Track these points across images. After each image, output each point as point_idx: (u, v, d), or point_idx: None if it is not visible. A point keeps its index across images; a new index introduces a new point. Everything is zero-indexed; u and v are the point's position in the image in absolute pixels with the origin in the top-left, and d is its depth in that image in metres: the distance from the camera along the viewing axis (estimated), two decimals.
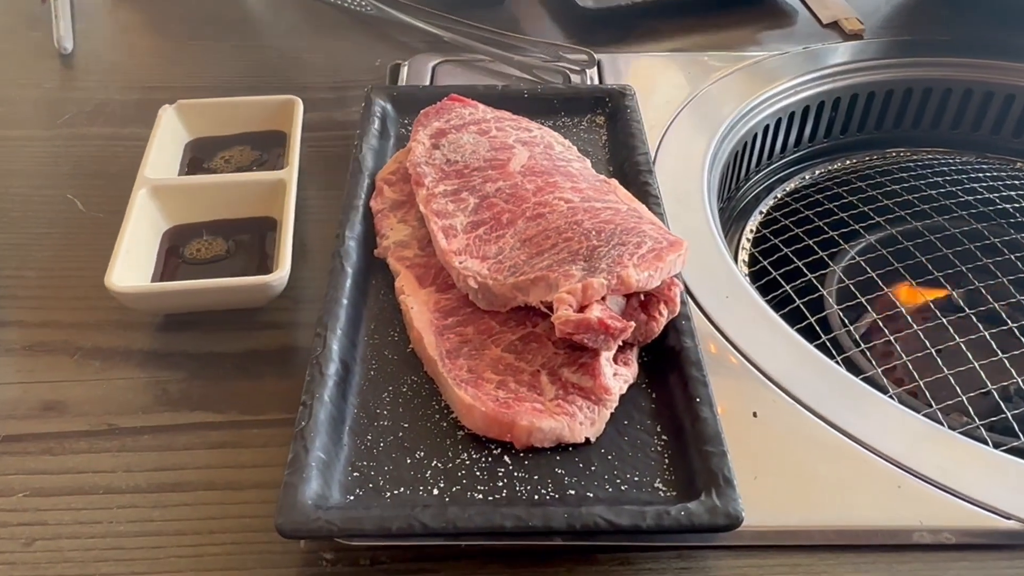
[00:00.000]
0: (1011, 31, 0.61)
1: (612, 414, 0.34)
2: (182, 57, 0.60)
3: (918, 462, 0.34)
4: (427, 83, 0.56)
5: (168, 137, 0.48)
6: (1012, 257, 0.48)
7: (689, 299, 0.39)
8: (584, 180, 0.41)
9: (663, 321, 0.36)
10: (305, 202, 0.45)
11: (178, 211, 0.43)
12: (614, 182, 0.42)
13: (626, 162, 0.46)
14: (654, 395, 0.35)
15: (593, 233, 0.36)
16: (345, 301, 0.37)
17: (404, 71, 0.57)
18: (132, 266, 0.39)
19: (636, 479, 0.32)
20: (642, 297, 0.36)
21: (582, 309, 0.34)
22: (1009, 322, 0.45)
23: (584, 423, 0.33)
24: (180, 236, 0.43)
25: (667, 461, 0.33)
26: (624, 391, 0.35)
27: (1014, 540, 0.31)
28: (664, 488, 0.32)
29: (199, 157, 0.48)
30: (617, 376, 0.34)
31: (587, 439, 0.33)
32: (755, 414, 0.35)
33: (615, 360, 0.35)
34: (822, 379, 0.37)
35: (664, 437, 0.34)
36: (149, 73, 0.58)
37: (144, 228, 0.42)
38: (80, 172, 0.50)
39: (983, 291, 0.47)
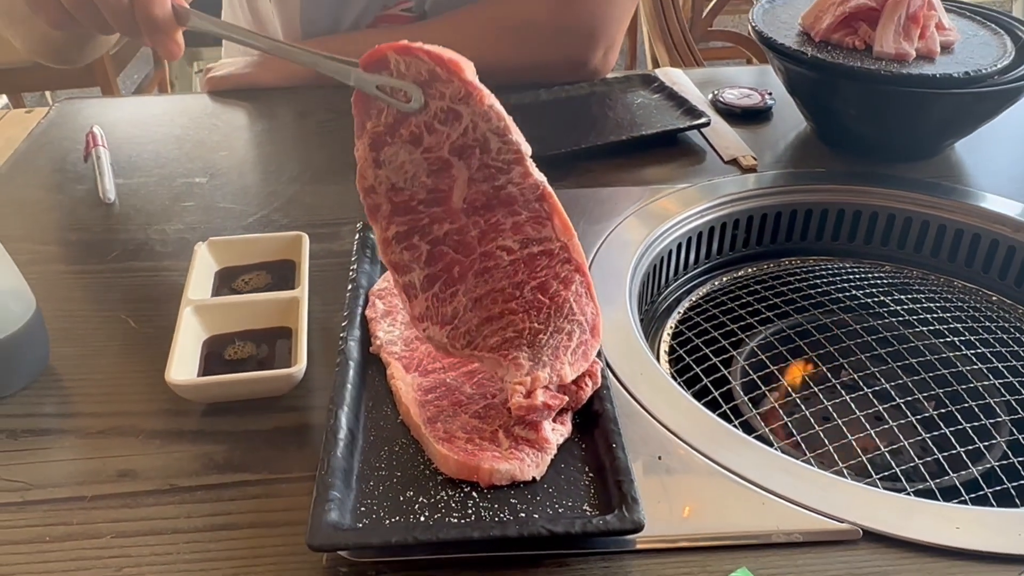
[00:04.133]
0: (873, 164, 0.76)
1: (552, 459, 0.46)
2: (203, 204, 0.73)
3: (777, 485, 0.45)
4: None
5: (202, 267, 0.60)
6: (870, 340, 0.61)
7: (610, 374, 0.51)
8: (523, 207, 0.45)
9: (589, 391, 0.48)
10: (313, 314, 0.57)
11: (215, 323, 0.55)
12: (545, 192, 0.45)
13: None
14: (583, 444, 0.47)
15: (533, 313, 0.46)
16: (349, 386, 0.49)
17: None
18: (183, 366, 0.51)
19: (569, 504, 0.44)
20: None
21: (530, 393, 0.46)
22: (865, 388, 0.57)
23: (531, 466, 0.45)
24: (218, 343, 0.55)
25: (592, 490, 0.44)
26: (561, 442, 0.46)
27: (845, 536, 0.43)
28: (590, 509, 0.43)
29: (226, 281, 0.61)
30: (555, 431, 0.46)
31: (534, 478, 0.45)
32: (660, 457, 0.47)
33: (554, 420, 0.47)
34: (711, 431, 0.49)
35: (590, 474, 0.45)
36: (179, 217, 0.71)
37: (190, 337, 0.54)
38: (130, 297, 0.62)
39: (846, 366, 0.59)
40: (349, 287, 0.57)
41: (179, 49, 0.58)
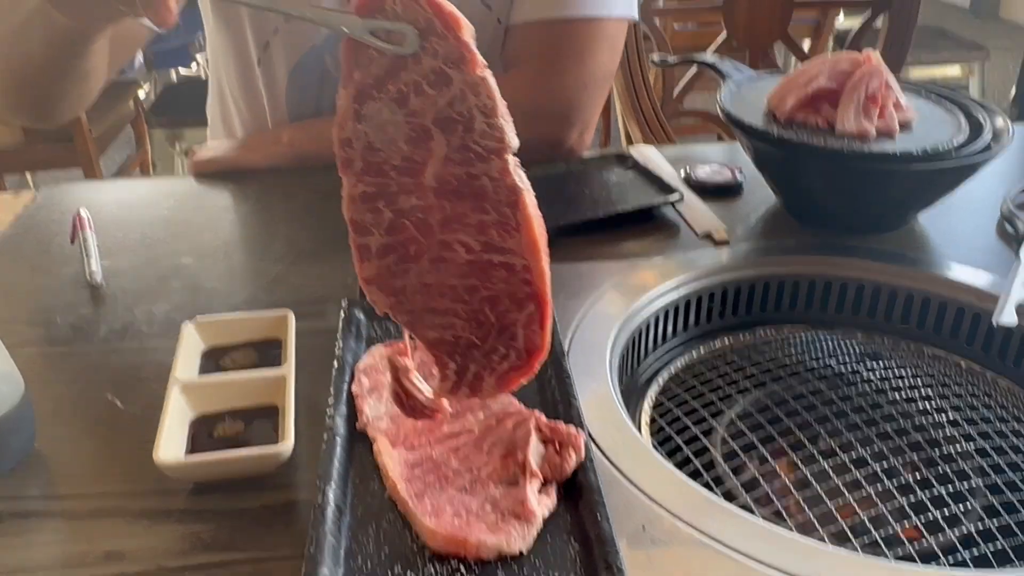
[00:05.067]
0: (841, 237, 0.78)
1: (538, 532, 0.46)
2: (190, 284, 0.74)
3: (762, 554, 0.46)
4: None
5: (189, 346, 0.61)
6: (845, 407, 0.63)
7: (593, 445, 0.52)
8: (494, 207, 0.42)
9: (573, 463, 0.49)
10: (300, 391, 0.58)
11: (202, 402, 0.56)
12: (521, 200, 0.43)
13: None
14: (569, 516, 0.48)
15: (474, 325, 0.44)
16: (337, 462, 0.50)
17: None
18: (171, 445, 0.52)
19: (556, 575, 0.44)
20: (557, 446, 0.50)
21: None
22: (842, 455, 0.59)
23: (518, 539, 0.45)
24: (205, 422, 0.55)
25: (579, 561, 0.45)
26: (547, 514, 0.47)
27: None
28: None
29: (213, 360, 0.61)
30: (541, 504, 0.47)
31: (521, 551, 0.45)
32: (644, 527, 0.48)
33: (539, 493, 0.48)
34: (694, 500, 0.50)
35: (576, 545, 0.46)
36: (166, 297, 0.72)
37: (177, 416, 0.54)
38: (117, 378, 0.62)
39: (823, 434, 0.61)
40: (335, 364, 0.58)
41: (171, 16, 0.55)
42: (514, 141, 0.42)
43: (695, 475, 0.58)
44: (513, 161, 0.42)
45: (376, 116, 0.42)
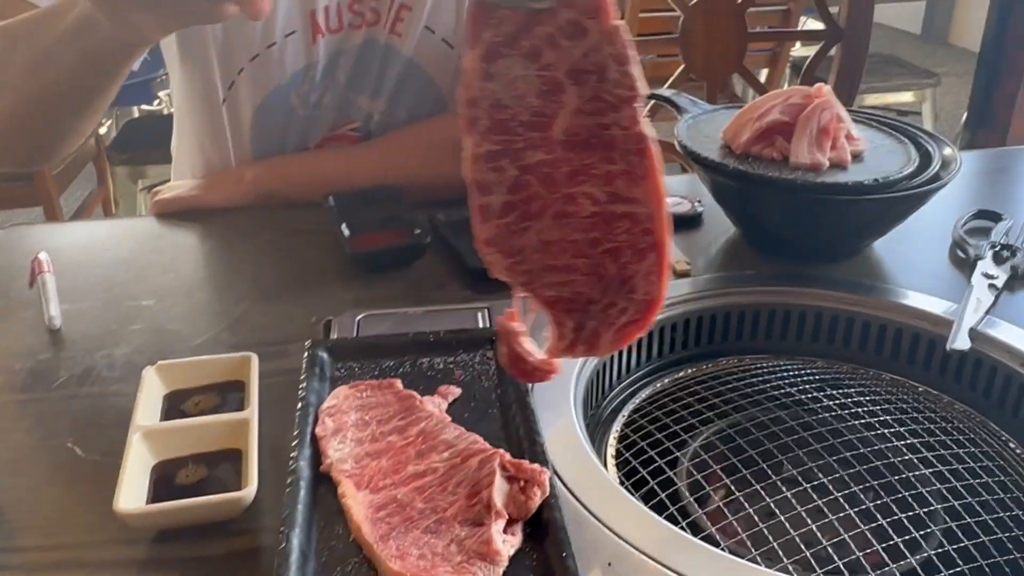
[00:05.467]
0: (799, 266, 0.80)
1: (504, 571, 0.46)
2: (151, 326, 0.74)
3: None
4: (354, 334, 0.71)
5: (150, 391, 0.60)
6: (806, 435, 0.64)
7: (558, 482, 0.53)
8: (621, 156, 0.41)
9: (537, 500, 0.49)
10: (264, 434, 0.58)
11: (165, 448, 0.55)
12: (648, 148, 0.42)
13: (511, 385, 0.61)
14: (535, 554, 0.48)
15: (595, 280, 0.43)
16: (301, 506, 0.50)
17: (335, 325, 0.72)
18: (132, 493, 0.51)
19: None
20: (521, 484, 0.50)
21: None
22: (805, 483, 0.59)
23: None
24: (168, 467, 0.55)
25: None
26: (512, 553, 0.47)
27: None
28: None
29: (175, 404, 0.61)
30: (506, 543, 0.47)
31: None
32: (610, 564, 0.48)
33: (505, 531, 0.48)
34: (659, 535, 0.51)
35: None
36: (127, 340, 0.72)
37: (138, 463, 0.54)
38: (76, 425, 0.61)
39: (785, 462, 0.62)
40: (299, 406, 0.58)
41: (267, 6, 0.54)
42: (644, 89, 0.42)
43: (661, 508, 0.59)
44: (642, 109, 0.42)
45: (506, 73, 0.41)
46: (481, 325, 0.71)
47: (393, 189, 0.89)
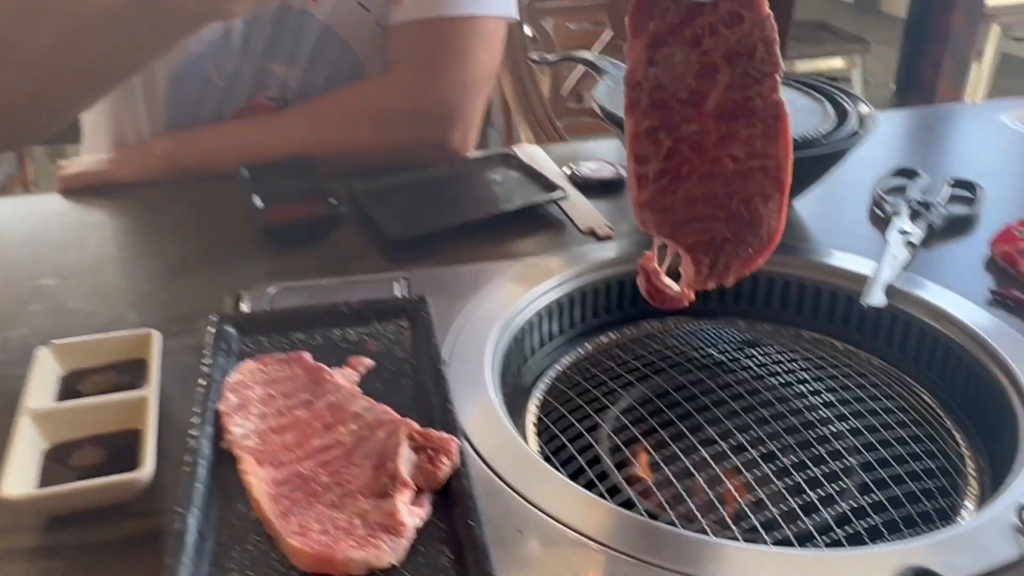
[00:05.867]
0: None
1: (411, 543, 0.45)
2: (51, 306, 0.70)
3: (641, 551, 0.46)
4: (267, 308, 0.68)
5: (44, 372, 0.57)
6: (725, 395, 0.64)
7: (471, 450, 0.51)
8: (761, 120, 0.47)
9: (446, 470, 0.48)
10: (170, 413, 0.55)
11: (58, 431, 0.53)
12: (782, 111, 0.47)
13: (424, 354, 0.59)
14: (443, 525, 0.47)
15: (731, 223, 0.48)
16: (199, 485, 0.48)
17: (246, 299, 0.70)
18: (19, 479, 0.48)
19: None
20: (429, 453, 0.48)
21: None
22: (723, 444, 0.59)
23: (388, 552, 0.44)
24: (62, 451, 0.52)
25: (452, 571, 0.44)
26: (419, 524, 0.46)
27: None
28: None
29: (72, 385, 0.58)
30: (412, 514, 0.46)
31: (392, 564, 0.44)
32: (520, 531, 0.47)
33: (413, 503, 0.47)
34: (573, 500, 0.50)
35: (450, 555, 0.45)
36: (24, 321, 0.68)
37: (27, 447, 0.51)
38: None
39: (703, 423, 0.61)
40: (201, 382, 0.56)
41: None
42: (782, 61, 0.47)
43: (579, 473, 0.58)
44: (778, 78, 0.47)
45: (668, 59, 0.46)
46: (398, 294, 0.70)
47: (309, 159, 0.87)
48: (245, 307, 0.68)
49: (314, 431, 0.52)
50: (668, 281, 0.52)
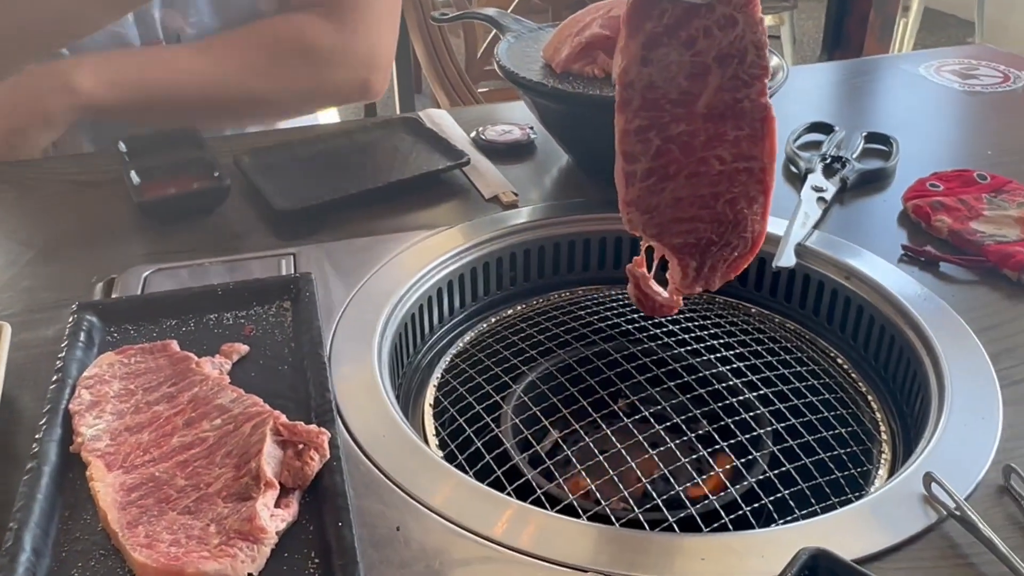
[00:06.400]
0: None
1: (273, 549, 0.41)
2: None
3: (525, 543, 0.43)
4: (138, 292, 0.63)
5: None
6: (630, 367, 0.60)
7: (350, 442, 0.47)
8: (748, 123, 0.47)
9: (316, 465, 0.44)
10: (21, 412, 0.50)
11: None
12: (769, 114, 0.47)
13: (305, 337, 0.55)
14: (311, 527, 0.42)
15: (715, 225, 0.49)
16: (40, 496, 0.43)
17: (118, 283, 0.64)
18: None
19: None
20: (298, 448, 0.44)
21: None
22: (626, 420, 0.56)
23: (245, 561, 0.40)
24: None
25: None
26: (283, 528, 0.42)
27: None
28: None
29: None
30: (275, 517, 0.42)
31: (249, 574, 0.40)
32: (398, 528, 0.43)
33: (278, 504, 0.43)
34: (457, 490, 0.46)
35: (316, 560, 0.41)
36: None
37: None
38: None
39: (606, 399, 0.58)
40: (54, 378, 0.51)
41: None
42: (770, 65, 0.48)
43: (479, 458, 0.54)
44: (767, 81, 0.47)
45: (663, 59, 0.46)
46: (285, 272, 0.65)
47: (192, 130, 0.81)
48: (118, 293, 0.63)
49: (174, 428, 0.47)
50: (657, 287, 0.52)
